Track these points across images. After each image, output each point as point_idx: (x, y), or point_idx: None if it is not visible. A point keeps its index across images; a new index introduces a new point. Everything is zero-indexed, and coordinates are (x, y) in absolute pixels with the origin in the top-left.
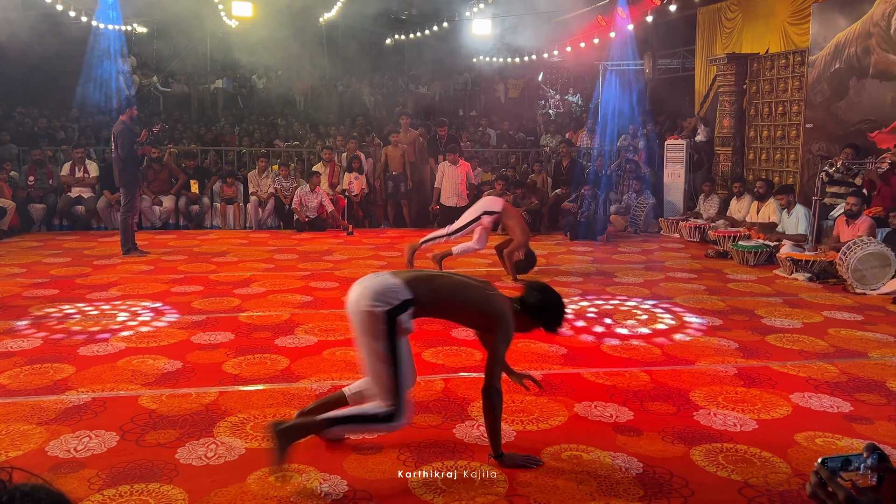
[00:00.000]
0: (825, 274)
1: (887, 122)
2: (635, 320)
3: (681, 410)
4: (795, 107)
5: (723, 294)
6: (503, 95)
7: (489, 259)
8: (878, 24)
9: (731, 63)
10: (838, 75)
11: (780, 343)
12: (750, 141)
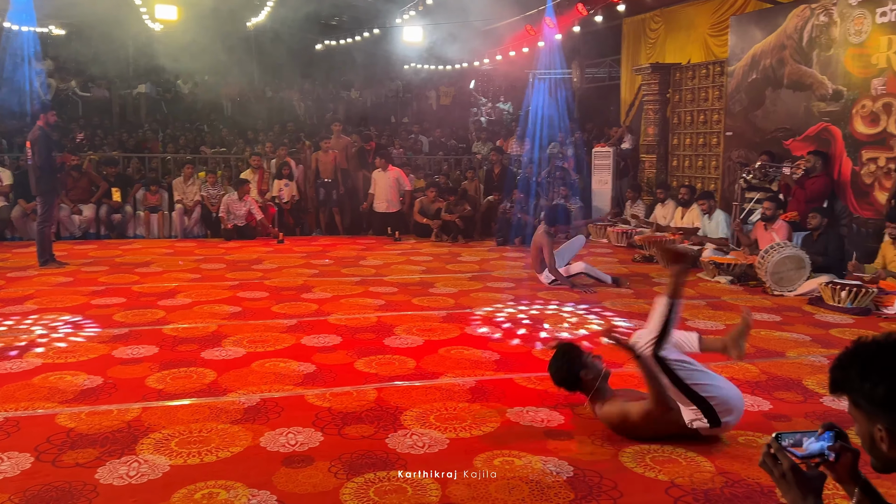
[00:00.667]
0: (745, 277)
1: (801, 130)
2: (566, 324)
3: None
4: (716, 115)
5: (649, 298)
6: (435, 102)
7: (423, 266)
8: (791, 36)
9: (655, 73)
10: (755, 85)
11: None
12: (673, 148)
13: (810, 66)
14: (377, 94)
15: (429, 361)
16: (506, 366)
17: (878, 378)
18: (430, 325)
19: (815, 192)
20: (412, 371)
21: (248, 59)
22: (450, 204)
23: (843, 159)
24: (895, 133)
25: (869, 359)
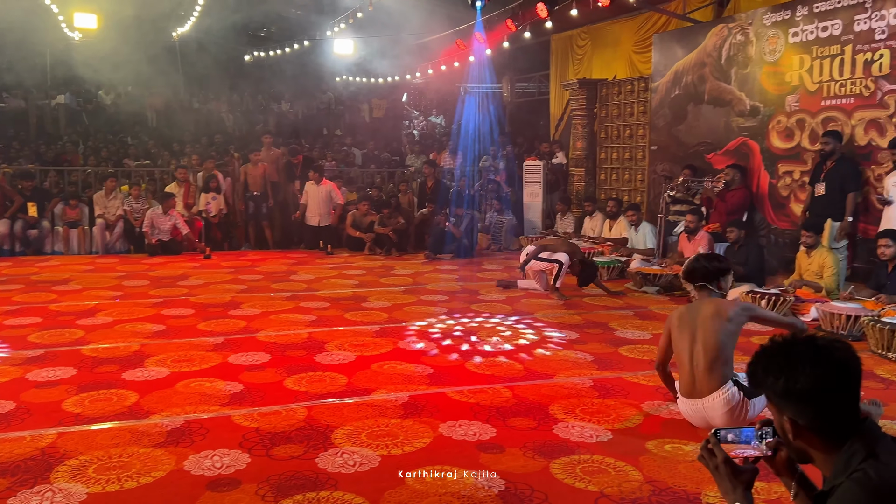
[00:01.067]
0: (671, 287)
1: (721, 144)
2: (498, 337)
3: (541, 424)
4: (641, 130)
5: (579, 308)
6: (368, 115)
7: (355, 280)
8: (711, 54)
9: (582, 88)
10: (678, 101)
11: (632, 354)
12: (601, 162)
13: (729, 82)
14: (309, 107)
15: (361, 377)
16: (439, 380)
17: (778, 372)
18: (362, 341)
19: (735, 205)
20: (344, 388)
21: (174, 69)
22: (383, 217)
23: (761, 172)
24: (808, 148)
25: (771, 356)
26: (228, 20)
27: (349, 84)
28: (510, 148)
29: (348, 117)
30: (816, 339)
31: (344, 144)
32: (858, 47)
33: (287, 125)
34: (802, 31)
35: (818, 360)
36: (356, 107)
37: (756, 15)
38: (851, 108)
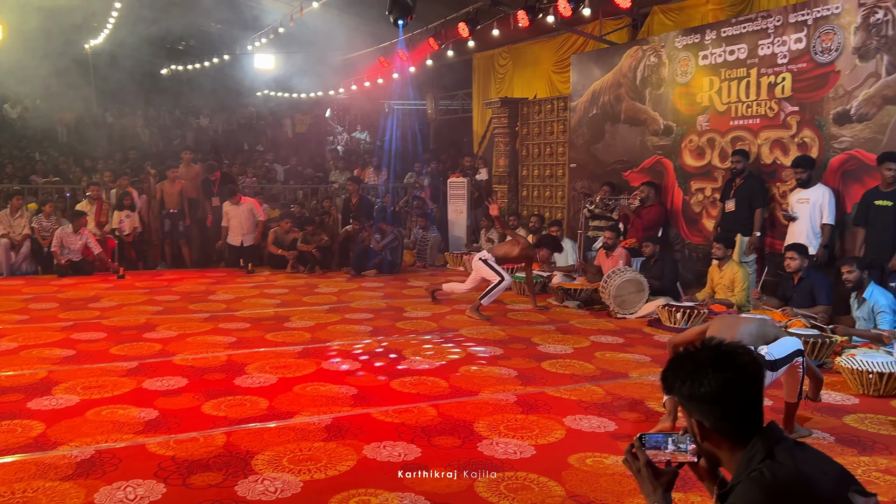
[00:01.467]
0: (591, 301)
1: (637, 162)
2: (423, 355)
3: (465, 443)
4: (561, 148)
5: (503, 324)
6: (290, 130)
7: (277, 299)
8: (627, 75)
9: (504, 106)
10: (596, 120)
11: (554, 369)
12: (523, 179)
13: (644, 102)
14: (229, 122)
15: (282, 400)
16: (363, 400)
17: (685, 377)
18: (284, 362)
19: (651, 221)
20: (265, 411)
21: (86, 82)
22: (306, 234)
23: (674, 190)
24: (718, 166)
25: (680, 362)
26: (144, 33)
27: (271, 99)
28: (435, 164)
29: (270, 133)
30: (721, 345)
31: (265, 160)
32: (763, 70)
33: (206, 141)
34: (711, 55)
35: (721, 365)
36: (278, 122)
37: (668, 38)
38: (757, 128)
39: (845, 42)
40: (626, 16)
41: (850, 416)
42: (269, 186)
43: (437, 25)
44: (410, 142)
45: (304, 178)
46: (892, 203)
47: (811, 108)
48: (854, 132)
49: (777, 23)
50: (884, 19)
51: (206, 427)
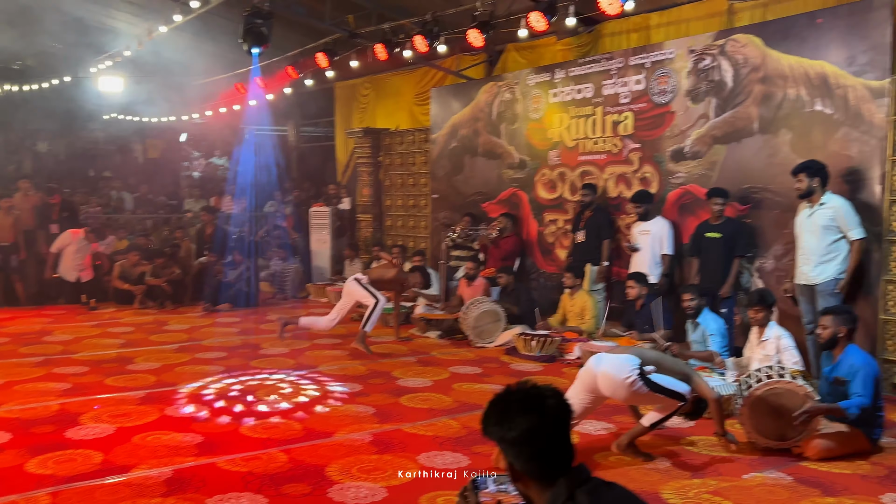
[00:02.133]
0: (452, 330)
1: (495, 194)
2: (278, 395)
3: (315, 489)
4: (423, 179)
5: (364, 358)
6: (142, 156)
7: (122, 339)
8: (483, 110)
9: (366, 136)
10: (455, 152)
11: (412, 403)
12: (387, 209)
13: (500, 137)
14: (73, 147)
15: (119, 453)
16: (209, 449)
17: (497, 421)
18: (124, 409)
19: (508, 251)
20: (98, 466)
21: None
22: (156, 267)
23: (530, 221)
24: (569, 198)
25: (494, 405)
26: None
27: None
28: (297, 193)
29: (119, 158)
30: (529, 388)
31: (112, 188)
32: (607, 109)
33: (46, 167)
34: (561, 93)
35: (528, 408)
36: (128, 147)
37: (521, 75)
38: (603, 163)
39: (679, 85)
40: (482, 52)
41: (686, 440)
42: (115, 216)
43: (294, 54)
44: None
45: (156, 206)
46: (721, 235)
47: (651, 145)
48: (688, 168)
49: (619, 65)
50: (711, 65)
51: (30, 488)
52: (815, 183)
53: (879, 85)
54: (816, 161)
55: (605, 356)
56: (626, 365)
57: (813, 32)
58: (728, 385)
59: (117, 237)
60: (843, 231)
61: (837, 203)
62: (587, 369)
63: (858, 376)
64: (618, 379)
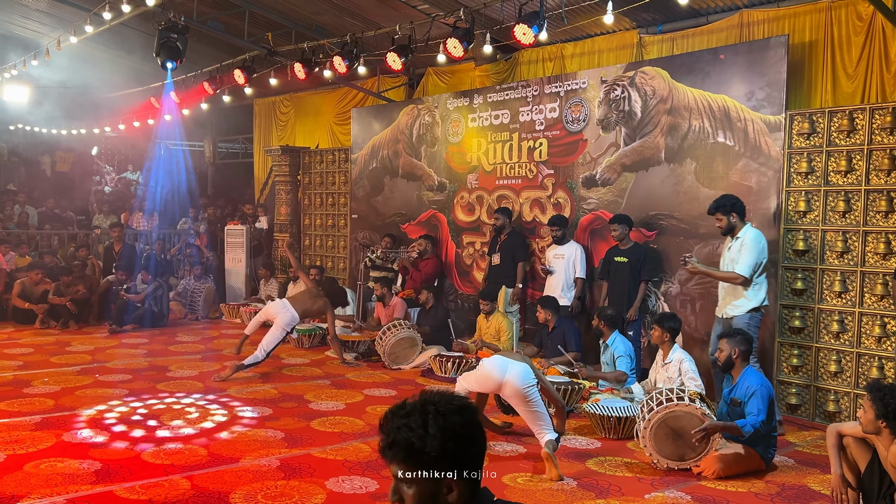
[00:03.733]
0: (369, 352)
1: (415, 215)
2: (184, 419)
3: None
4: (343, 198)
5: (276, 381)
6: (50, 169)
7: (20, 360)
8: (404, 131)
9: (285, 154)
10: (376, 173)
11: (324, 427)
12: (306, 228)
13: (420, 159)
14: None
15: (8, 482)
16: (107, 476)
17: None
18: (17, 436)
19: (428, 272)
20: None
21: None
22: (60, 285)
23: (448, 243)
24: (487, 221)
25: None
26: None
27: (26, 134)
28: (212, 210)
29: (25, 171)
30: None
31: (16, 202)
32: (523, 135)
33: None
34: (479, 118)
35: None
36: (35, 159)
37: (441, 99)
38: (519, 187)
39: (591, 114)
40: (402, 75)
41: (592, 460)
42: (18, 231)
43: (211, 70)
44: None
45: (64, 221)
46: (628, 259)
47: (564, 171)
48: (599, 195)
49: (535, 92)
50: (622, 95)
51: None
52: (734, 218)
53: (775, 119)
54: (728, 196)
55: (510, 363)
56: (528, 375)
57: (716, 67)
58: (633, 406)
59: (19, 253)
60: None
61: (745, 236)
62: (489, 373)
63: (754, 397)
64: (521, 387)
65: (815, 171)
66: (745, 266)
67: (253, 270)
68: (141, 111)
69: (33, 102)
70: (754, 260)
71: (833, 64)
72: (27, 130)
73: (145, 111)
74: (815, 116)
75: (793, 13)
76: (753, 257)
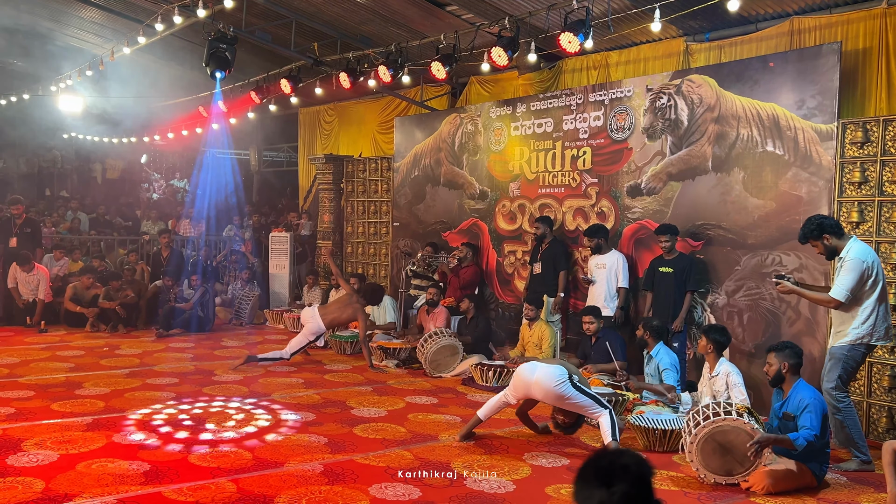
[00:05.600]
0: (410, 360)
1: (456, 224)
2: (229, 423)
3: None
4: (385, 206)
5: (319, 386)
6: (101, 176)
7: (71, 362)
8: (446, 140)
9: (329, 163)
10: (417, 181)
11: (366, 433)
12: (348, 236)
13: (462, 167)
14: (29, 165)
15: (62, 481)
16: (156, 478)
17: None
18: (69, 436)
19: (467, 280)
20: (38, 495)
21: None
22: (109, 290)
23: (489, 251)
24: (528, 230)
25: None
26: None
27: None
28: (257, 217)
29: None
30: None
31: (69, 208)
32: (567, 144)
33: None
34: (522, 126)
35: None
36: (87, 167)
37: (484, 108)
38: (562, 196)
39: (636, 122)
40: (445, 84)
41: None
42: (70, 237)
43: (258, 80)
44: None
45: (113, 227)
46: (673, 270)
47: (608, 180)
48: (644, 204)
49: (579, 101)
50: (667, 104)
51: None
52: (829, 241)
53: (827, 128)
54: (811, 219)
55: (538, 366)
56: (556, 373)
57: (765, 75)
58: (679, 419)
59: (72, 258)
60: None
61: (846, 255)
62: (520, 376)
63: (807, 411)
64: (550, 382)
65: (869, 180)
66: (841, 289)
67: (297, 277)
68: (189, 120)
69: (86, 112)
70: (851, 282)
71: (888, 71)
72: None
73: (193, 120)
74: (868, 125)
75: (846, 20)
76: (851, 279)
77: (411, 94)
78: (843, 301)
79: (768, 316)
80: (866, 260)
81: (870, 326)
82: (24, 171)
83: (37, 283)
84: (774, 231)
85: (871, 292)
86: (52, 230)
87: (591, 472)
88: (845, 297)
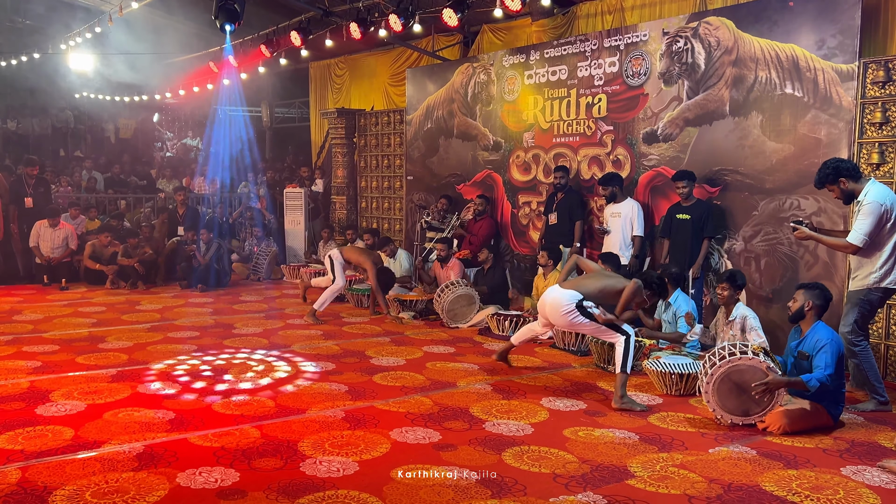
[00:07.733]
0: (427, 311)
1: (470, 176)
2: (252, 373)
3: (288, 463)
4: (398, 160)
5: (338, 338)
6: (114, 136)
7: (93, 318)
8: (459, 91)
9: (341, 117)
10: (430, 134)
11: (385, 381)
12: (362, 190)
13: (475, 118)
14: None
15: (90, 429)
16: (180, 425)
17: None
18: (95, 387)
19: (483, 233)
20: (68, 442)
21: None
22: (128, 247)
23: (504, 203)
24: (543, 180)
25: None
26: None
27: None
28: (270, 174)
29: (91, 138)
30: None
31: (84, 167)
32: (581, 91)
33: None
34: (536, 74)
35: None
36: (100, 126)
37: (497, 56)
38: (577, 145)
39: (652, 67)
40: (457, 33)
41: (654, 416)
42: (86, 196)
43: (268, 33)
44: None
45: (128, 186)
46: (691, 217)
47: (624, 127)
48: (660, 151)
49: (593, 46)
50: (684, 48)
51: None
52: (846, 184)
53: (848, 68)
54: (826, 163)
55: (553, 289)
56: (565, 298)
57: (784, 16)
58: (695, 364)
59: (89, 217)
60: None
61: (864, 198)
62: (540, 302)
63: (823, 351)
64: (558, 309)
65: (891, 121)
66: (858, 233)
67: (311, 232)
68: (200, 76)
69: (97, 71)
70: (869, 226)
71: None
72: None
73: (204, 76)
74: (891, 63)
75: None
76: (869, 223)
77: (423, 44)
78: (861, 246)
79: (786, 261)
80: (885, 202)
81: (887, 271)
82: (38, 131)
83: (61, 239)
84: (793, 175)
85: (890, 236)
86: (69, 189)
87: None
88: (863, 242)
